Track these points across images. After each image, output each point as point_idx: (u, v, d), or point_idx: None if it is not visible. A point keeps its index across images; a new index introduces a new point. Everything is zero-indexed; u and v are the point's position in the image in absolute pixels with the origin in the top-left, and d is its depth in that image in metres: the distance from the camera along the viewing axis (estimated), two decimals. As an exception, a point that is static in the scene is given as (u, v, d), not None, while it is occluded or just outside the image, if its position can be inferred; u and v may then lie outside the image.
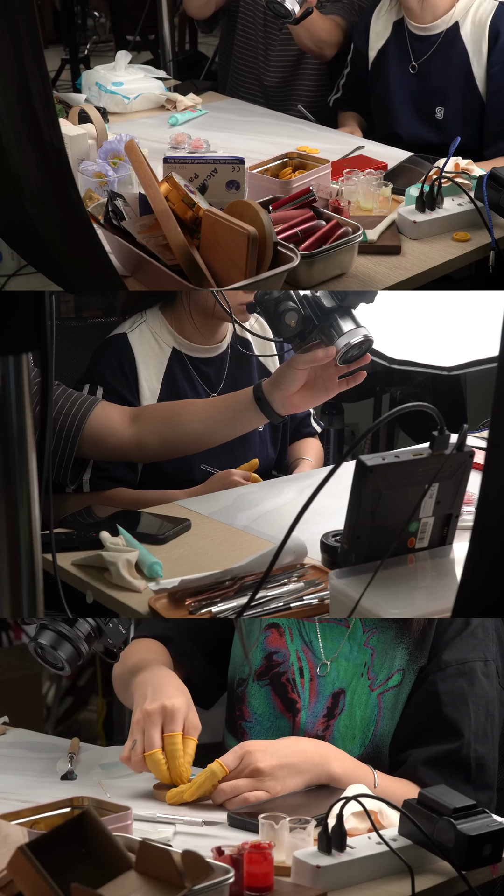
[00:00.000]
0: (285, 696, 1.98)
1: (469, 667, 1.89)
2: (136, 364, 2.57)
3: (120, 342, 2.59)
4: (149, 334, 2.61)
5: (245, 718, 2.00)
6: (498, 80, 3.04)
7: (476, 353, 3.12)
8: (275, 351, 2.74)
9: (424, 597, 1.73)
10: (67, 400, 2.41)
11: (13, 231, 2.03)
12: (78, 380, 2.59)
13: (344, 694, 1.93)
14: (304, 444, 2.85)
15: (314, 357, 2.19)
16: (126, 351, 2.57)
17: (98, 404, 2.41)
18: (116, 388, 2.53)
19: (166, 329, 2.62)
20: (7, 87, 1.66)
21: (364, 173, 2.61)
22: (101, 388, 2.53)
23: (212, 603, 1.93)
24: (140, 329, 2.61)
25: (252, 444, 2.68)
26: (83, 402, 2.41)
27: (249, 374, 2.70)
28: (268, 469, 2.71)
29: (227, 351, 2.67)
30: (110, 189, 2.43)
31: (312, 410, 2.89)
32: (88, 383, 2.55)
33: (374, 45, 3.28)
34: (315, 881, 1.51)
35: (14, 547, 1.33)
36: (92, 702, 3.97)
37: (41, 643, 1.92)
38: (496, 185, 2.43)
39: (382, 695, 1.90)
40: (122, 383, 2.55)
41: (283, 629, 2.01)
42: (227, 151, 2.86)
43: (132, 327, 2.61)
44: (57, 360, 1.95)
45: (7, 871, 1.37)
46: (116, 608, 2.00)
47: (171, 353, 2.61)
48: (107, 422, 2.40)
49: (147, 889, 1.36)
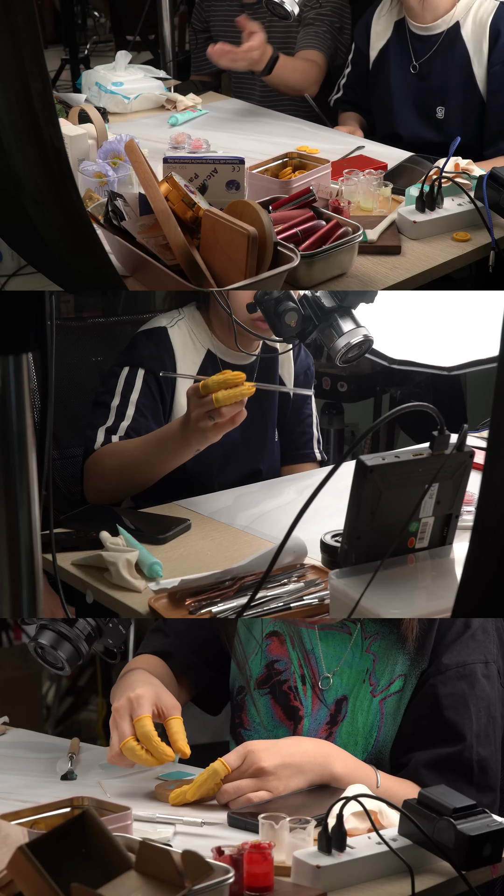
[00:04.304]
0: (287, 705, 1.96)
1: (469, 669, 1.89)
2: (175, 359, 2.53)
3: (160, 335, 2.55)
4: (186, 332, 2.57)
5: (244, 726, 1.99)
6: (498, 80, 3.04)
7: (476, 353, 3.13)
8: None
9: (424, 597, 1.73)
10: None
11: (13, 231, 2.03)
12: (114, 364, 2.54)
13: (346, 701, 1.92)
14: (303, 468, 2.77)
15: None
16: (166, 344, 2.54)
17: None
18: (156, 376, 2.48)
19: (203, 329, 2.59)
20: (7, 87, 1.66)
21: (364, 173, 2.61)
22: (141, 370, 2.48)
23: (212, 603, 1.93)
24: (179, 325, 2.57)
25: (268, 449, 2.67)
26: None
27: (274, 384, 2.68)
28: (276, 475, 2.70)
29: (257, 360, 2.65)
30: (110, 189, 2.43)
31: (318, 434, 2.82)
32: (128, 366, 2.50)
33: (375, 44, 3.28)
34: (315, 881, 1.51)
35: (14, 547, 1.34)
36: (92, 702, 3.97)
37: (41, 643, 1.92)
38: (496, 185, 2.43)
39: (384, 700, 1.89)
40: (161, 370, 2.50)
41: (285, 637, 1.99)
42: (227, 151, 2.86)
43: (171, 322, 2.57)
44: (57, 360, 1.95)
45: (7, 871, 1.37)
46: (116, 608, 2.00)
47: (206, 355, 2.58)
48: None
49: (147, 889, 1.36)
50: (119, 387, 2.48)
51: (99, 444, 2.42)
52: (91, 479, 2.43)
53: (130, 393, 2.47)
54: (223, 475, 2.57)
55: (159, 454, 2.32)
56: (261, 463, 2.65)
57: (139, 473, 2.38)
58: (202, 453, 2.29)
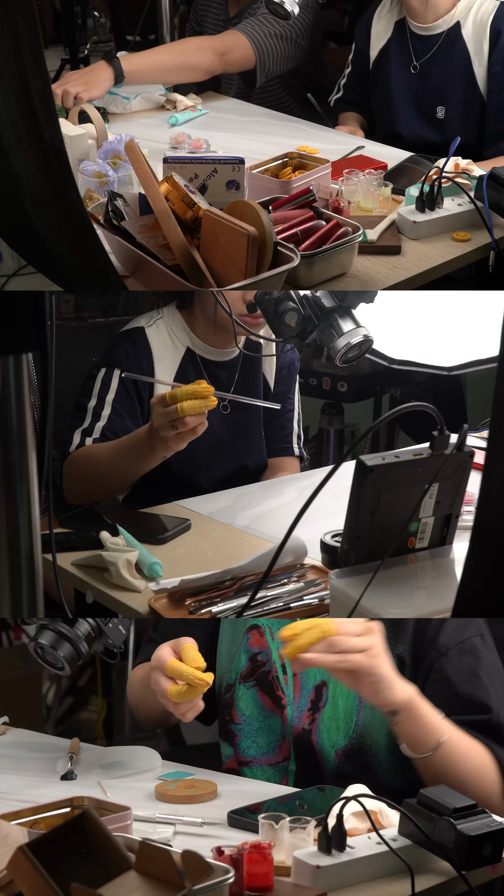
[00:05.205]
0: (273, 694, 1.99)
1: (469, 644, 1.91)
2: (152, 360, 2.55)
3: (137, 336, 2.57)
4: (165, 331, 2.59)
5: (234, 721, 2.01)
6: (499, 80, 3.04)
7: (476, 353, 3.12)
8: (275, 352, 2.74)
9: (424, 597, 1.73)
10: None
11: (13, 231, 2.03)
12: (92, 367, 2.56)
13: (326, 686, 1.94)
14: (280, 462, 2.77)
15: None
16: (143, 345, 2.55)
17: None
18: (132, 377, 2.50)
19: (182, 328, 2.60)
20: (7, 87, 1.66)
21: (364, 173, 2.60)
22: (117, 371, 2.49)
23: (212, 603, 1.93)
24: (157, 325, 2.59)
25: (255, 444, 2.67)
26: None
27: (256, 381, 2.69)
28: (261, 472, 2.71)
29: (239, 355, 2.66)
30: (110, 189, 2.43)
31: (299, 430, 2.80)
32: (105, 367, 2.52)
33: (376, 44, 3.28)
34: (315, 881, 1.51)
35: (14, 547, 1.34)
36: (92, 702, 3.97)
37: (41, 643, 1.92)
38: (496, 185, 2.43)
39: None
40: (138, 374, 2.52)
41: (264, 629, 2.02)
42: (227, 151, 2.86)
43: (149, 322, 2.59)
44: (57, 360, 1.95)
45: (7, 871, 1.37)
46: (116, 608, 2.00)
47: (185, 353, 2.59)
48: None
49: (147, 889, 1.36)
50: (96, 388, 2.51)
51: (74, 447, 2.45)
52: (67, 482, 2.46)
53: (106, 394, 2.49)
54: (211, 472, 2.57)
55: (127, 460, 2.34)
56: (248, 458, 2.66)
57: (110, 478, 2.41)
58: (187, 451, 2.28)
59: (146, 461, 2.32)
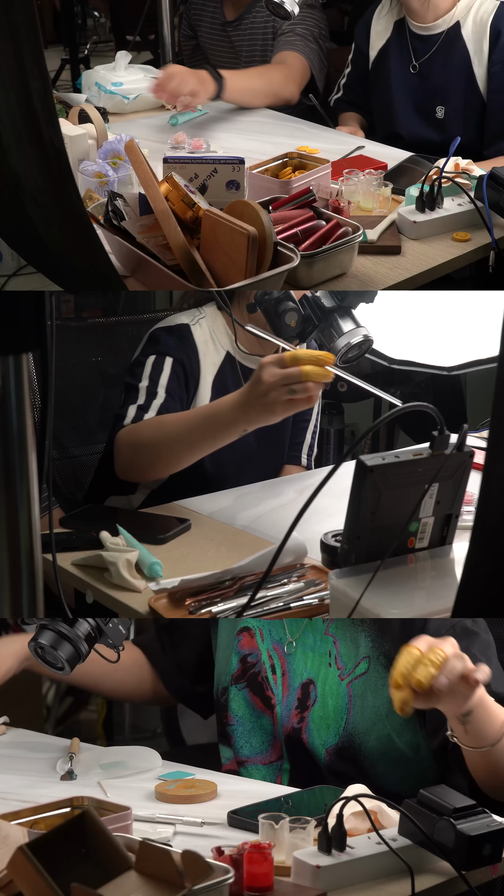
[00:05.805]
0: (262, 694, 2.02)
1: (460, 626, 1.93)
2: (198, 356, 2.46)
3: (183, 331, 2.47)
4: (207, 332, 2.50)
5: (229, 723, 2.04)
6: (499, 80, 3.04)
7: (476, 353, 3.12)
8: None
9: (424, 597, 1.73)
10: None
11: (13, 231, 2.03)
12: (137, 356, 2.46)
13: (314, 685, 1.96)
14: (286, 470, 2.70)
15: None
16: (189, 341, 2.46)
17: None
18: (183, 364, 2.41)
19: (224, 331, 2.51)
20: (7, 87, 1.66)
21: (364, 173, 2.60)
22: (169, 358, 2.40)
23: (212, 603, 1.93)
24: (200, 324, 2.49)
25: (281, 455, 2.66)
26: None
27: None
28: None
29: None
30: (110, 189, 2.43)
31: (312, 441, 2.75)
32: (154, 355, 2.41)
33: (375, 44, 3.28)
34: (315, 881, 1.52)
35: (14, 547, 1.34)
36: (92, 702, 3.96)
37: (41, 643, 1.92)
38: (496, 185, 2.43)
39: (351, 683, 1.95)
40: (187, 364, 2.43)
41: (254, 630, 2.04)
42: (227, 151, 2.86)
43: (193, 320, 2.49)
44: (57, 360, 1.94)
45: (7, 871, 1.37)
46: (116, 608, 2.00)
47: (225, 357, 2.50)
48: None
49: (147, 889, 1.36)
50: (146, 372, 2.39)
51: (130, 420, 2.32)
52: (124, 453, 2.31)
53: (159, 377, 2.39)
54: (239, 480, 2.53)
55: (204, 430, 2.19)
56: (274, 471, 2.62)
57: (177, 449, 2.25)
58: (223, 455, 2.20)
59: (222, 435, 2.18)
